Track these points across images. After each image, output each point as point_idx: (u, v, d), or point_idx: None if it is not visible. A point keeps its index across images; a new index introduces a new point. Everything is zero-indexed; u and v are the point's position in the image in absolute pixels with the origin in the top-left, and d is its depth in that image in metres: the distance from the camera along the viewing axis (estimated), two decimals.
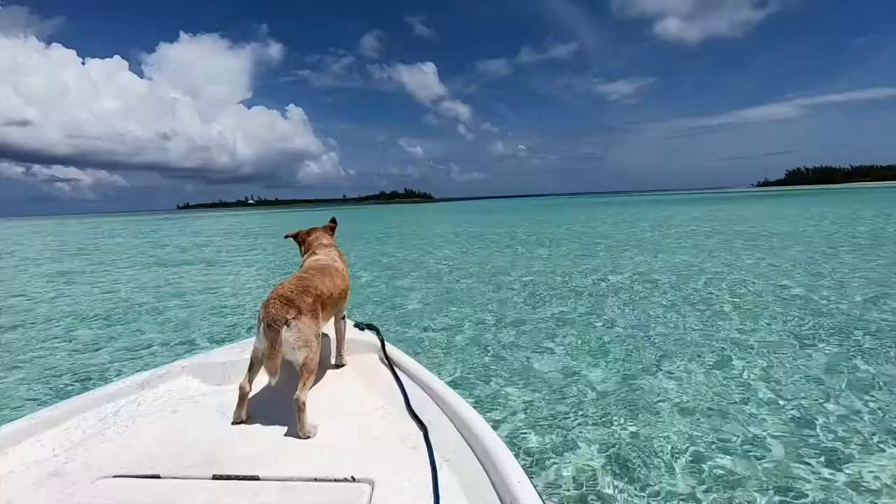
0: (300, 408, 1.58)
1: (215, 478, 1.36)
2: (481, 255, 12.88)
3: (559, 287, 7.99)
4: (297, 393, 1.60)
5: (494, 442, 1.36)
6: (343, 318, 2.24)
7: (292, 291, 1.75)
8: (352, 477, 1.33)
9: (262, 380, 1.72)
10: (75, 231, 39.88)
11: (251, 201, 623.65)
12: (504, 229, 21.72)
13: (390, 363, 2.09)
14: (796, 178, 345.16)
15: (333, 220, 2.52)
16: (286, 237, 2.53)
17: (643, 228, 19.80)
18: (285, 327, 1.66)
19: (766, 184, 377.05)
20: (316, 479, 1.34)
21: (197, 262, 13.72)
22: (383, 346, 2.20)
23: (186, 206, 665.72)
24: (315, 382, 1.89)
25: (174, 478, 1.37)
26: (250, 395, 1.72)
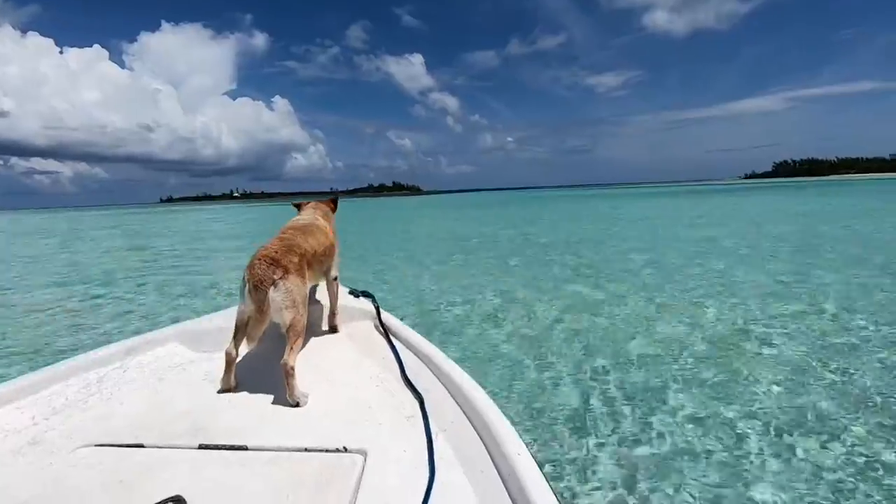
0: (288, 373, 1.52)
1: (201, 447, 1.32)
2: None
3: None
4: (285, 357, 1.55)
5: (492, 412, 1.32)
6: (335, 279, 2.15)
7: (277, 251, 1.69)
8: (343, 447, 1.29)
9: (249, 345, 1.69)
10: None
11: (236, 194, 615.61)
12: (514, 230, 17.76)
13: (385, 331, 2.03)
14: (783, 170, 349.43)
15: (336, 196, 2.51)
16: (293, 205, 2.45)
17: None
18: (272, 288, 1.61)
19: (753, 175, 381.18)
20: (306, 450, 1.29)
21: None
22: (378, 313, 2.14)
23: (169, 200, 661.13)
24: (306, 350, 1.89)
25: (159, 447, 1.32)
26: (238, 363, 1.67)
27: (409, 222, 22.41)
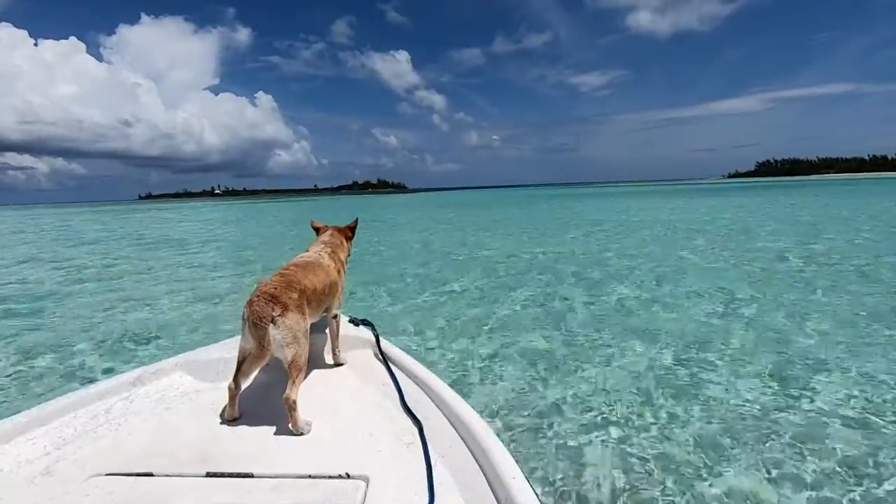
0: (291, 406, 1.58)
1: (209, 475, 1.36)
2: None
3: None
4: (287, 392, 1.59)
5: (489, 438, 1.36)
6: (335, 316, 2.16)
7: (276, 288, 1.71)
8: (346, 474, 1.33)
9: (251, 378, 1.74)
10: None
11: (218, 191, 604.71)
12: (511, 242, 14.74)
13: (385, 359, 2.08)
14: (766, 169, 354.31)
15: (355, 222, 2.46)
16: (312, 224, 2.46)
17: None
18: (272, 325, 1.63)
19: (737, 175, 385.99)
20: (310, 476, 1.33)
21: None
22: (378, 341, 2.19)
23: (149, 196, 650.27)
24: (308, 379, 1.92)
25: (167, 475, 1.37)
26: (244, 393, 1.71)
27: (383, 233, 18.32)
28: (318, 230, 2.34)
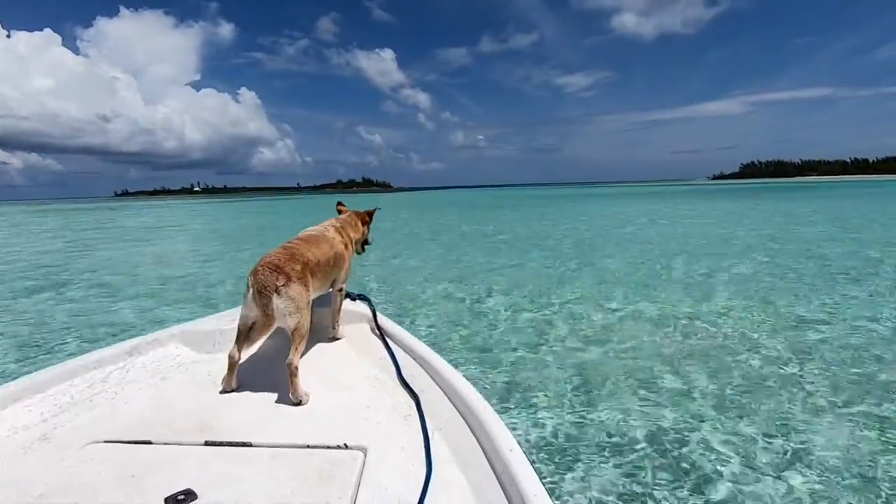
0: (293, 372, 1.58)
1: (207, 444, 1.36)
2: None
3: None
4: (290, 357, 1.61)
5: (486, 411, 1.36)
6: (340, 290, 2.18)
7: (280, 259, 1.74)
8: (344, 444, 1.33)
9: (251, 348, 1.77)
10: None
11: (197, 189, 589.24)
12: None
13: (382, 333, 2.08)
14: (750, 171, 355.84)
15: (374, 210, 2.49)
16: (338, 203, 2.51)
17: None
18: (275, 295, 1.65)
19: (722, 176, 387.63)
20: (308, 446, 1.33)
21: None
22: (375, 316, 2.19)
23: (125, 194, 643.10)
24: (306, 352, 1.90)
25: (165, 443, 1.36)
26: (241, 364, 1.71)
27: None
28: (340, 211, 2.40)
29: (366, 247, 2.43)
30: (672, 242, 12.02)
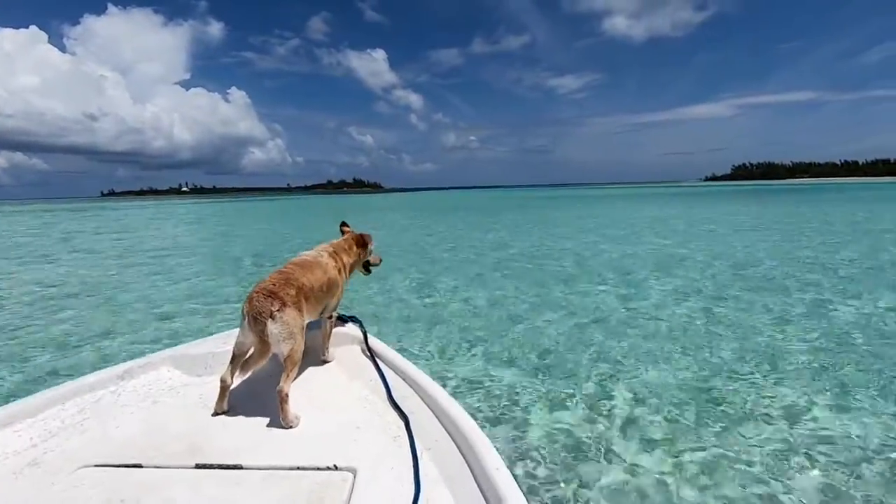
0: (283, 398, 1.59)
1: (198, 467, 1.36)
2: None
3: None
4: (281, 384, 1.61)
5: (474, 431, 1.38)
6: (331, 317, 2.21)
7: (275, 284, 1.76)
8: (334, 465, 1.35)
9: (244, 375, 1.75)
10: None
11: (185, 189, 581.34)
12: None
13: (372, 355, 2.10)
14: (742, 173, 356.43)
15: (365, 236, 2.43)
16: (342, 223, 2.54)
17: None
18: (270, 320, 1.67)
19: (714, 178, 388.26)
20: (299, 468, 1.34)
21: None
22: (366, 338, 2.22)
23: (111, 194, 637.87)
24: (298, 374, 1.89)
25: (156, 467, 1.37)
26: (232, 387, 1.71)
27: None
28: (343, 232, 2.43)
29: (372, 268, 2.45)
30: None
